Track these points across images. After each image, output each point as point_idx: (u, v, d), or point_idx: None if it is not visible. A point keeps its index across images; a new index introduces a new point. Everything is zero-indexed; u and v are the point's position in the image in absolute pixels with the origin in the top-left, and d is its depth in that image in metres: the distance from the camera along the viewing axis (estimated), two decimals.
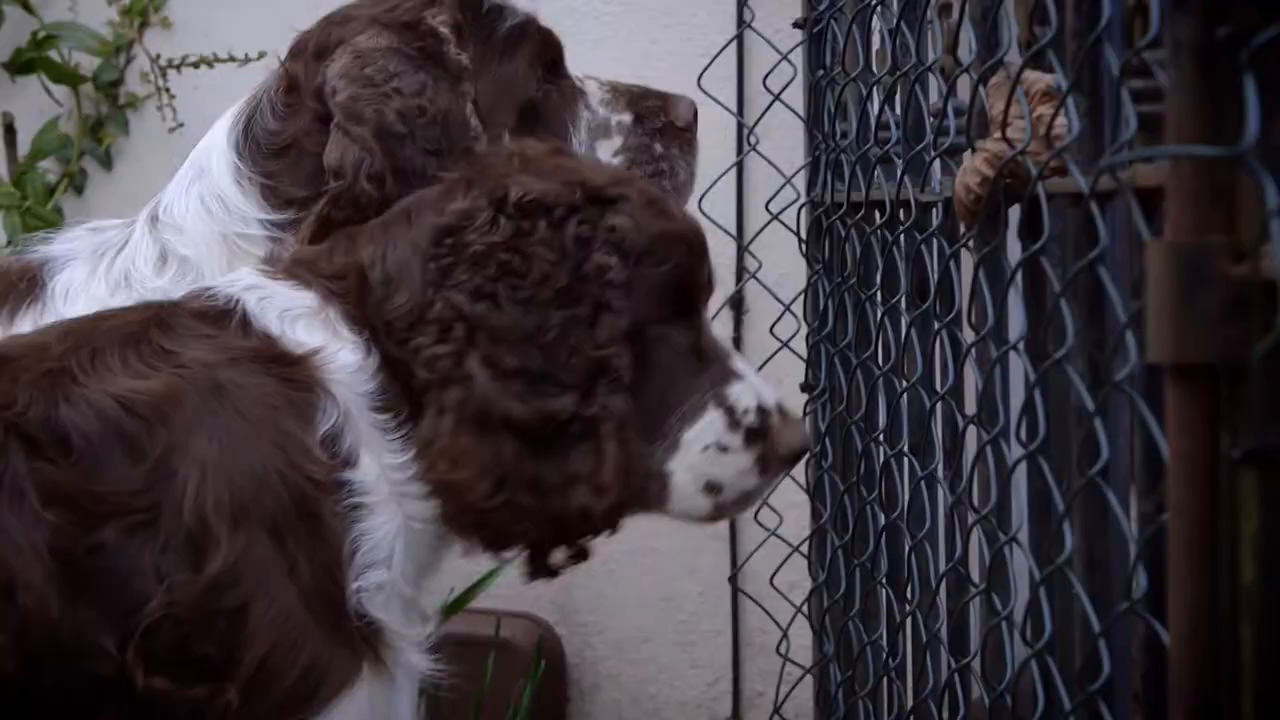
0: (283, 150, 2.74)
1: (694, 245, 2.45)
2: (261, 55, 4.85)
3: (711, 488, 2.44)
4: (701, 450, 2.42)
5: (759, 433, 2.43)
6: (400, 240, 2.38)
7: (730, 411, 2.42)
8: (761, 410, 2.44)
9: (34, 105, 5.16)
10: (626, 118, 2.94)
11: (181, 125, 4.95)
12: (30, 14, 5.03)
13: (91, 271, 2.79)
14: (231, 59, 4.90)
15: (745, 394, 2.45)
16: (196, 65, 4.94)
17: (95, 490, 2.21)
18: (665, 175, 2.93)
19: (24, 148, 5.12)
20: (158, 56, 4.99)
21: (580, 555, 2.48)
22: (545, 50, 2.88)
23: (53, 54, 5.05)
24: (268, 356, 2.32)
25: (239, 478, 2.25)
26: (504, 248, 2.31)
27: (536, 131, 2.80)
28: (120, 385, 2.27)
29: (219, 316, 2.36)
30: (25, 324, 2.75)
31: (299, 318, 2.36)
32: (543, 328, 2.30)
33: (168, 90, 4.97)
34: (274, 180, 2.74)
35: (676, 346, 2.44)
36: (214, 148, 2.79)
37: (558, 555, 2.44)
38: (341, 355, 2.33)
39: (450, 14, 2.77)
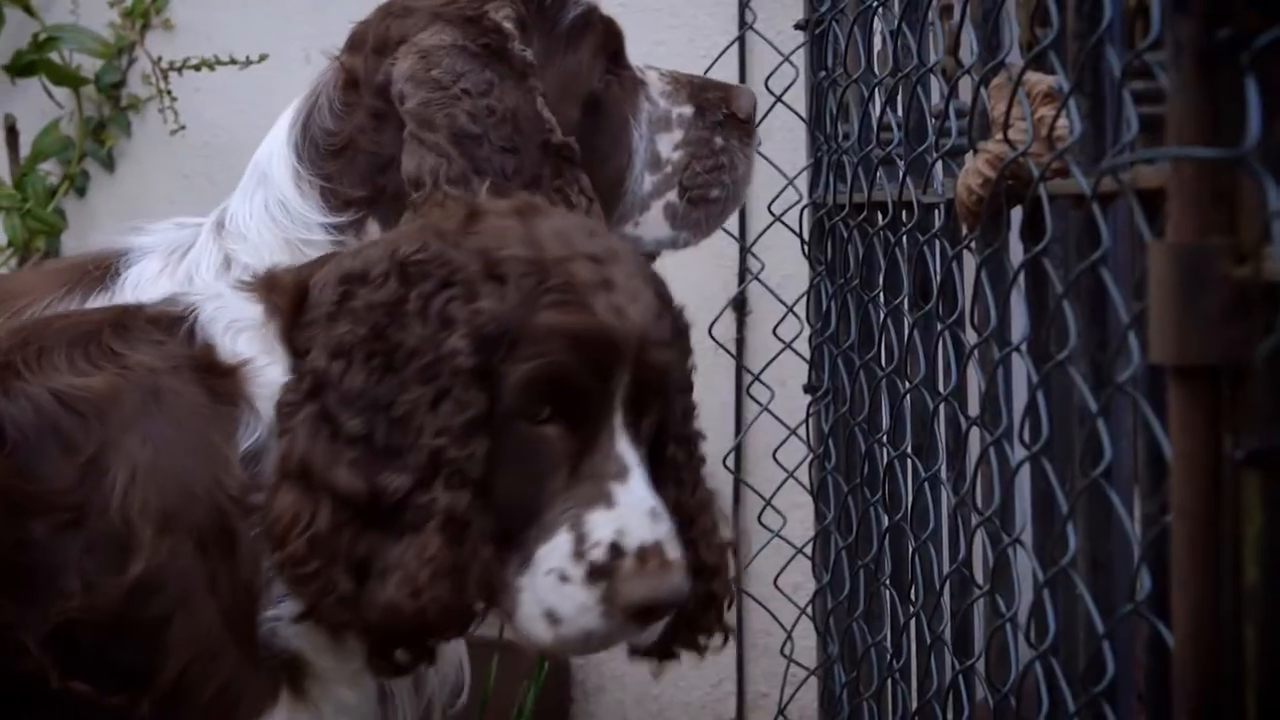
0: (340, 150, 2.72)
1: (591, 345, 2.16)
2: (263, 58, 4.87)
3: (551, 616, 2.18)
4: (545, 573, 2.17)
5: (603, 571, 2.14)
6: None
7: (580, 539, 2.16)
8: (615, 548, 2.14)
9: (36, 107, 5.16)
10: (688, 110, 2.92)
11: (183, 128, 4.96)
12: (31, 16, 5.03)
13: (162, 268, 2.78)
14: (233, 61, 4.91)
15: (605, 524, 2.16)
16: (198, 68, 4.94)
17: (26, 485, 2.18)
18: (725, 169, 2.92)
19: (26, 149, 5.13)
20: (159, 59, 4.99)
21: (423, 656, 2.27)
22: (608, 40, 2.87)
23: (54, 56, 5.05)
24: (204, 366, 2.27)
25: (168, 483, 2.20)
26: (383, 309, 2.18)
27: (599, 124, 2.81)
28: (61, 381, 2.23)
29: (172, 323, 2.31)
30: None
31: (242, 330, 2.29)
32: (395, 401, 2.15)
33: (169, 93, 4.97)
34: (333, 182, 2.72)
35: (549, 452, 2.19)
36: (275, 152, 2.78)
37: (399, 653, 2.23)
38: (270, 371, 2.25)
39: (513, 6, 2.75)
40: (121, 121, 5.15)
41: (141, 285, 2.76)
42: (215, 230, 2.77)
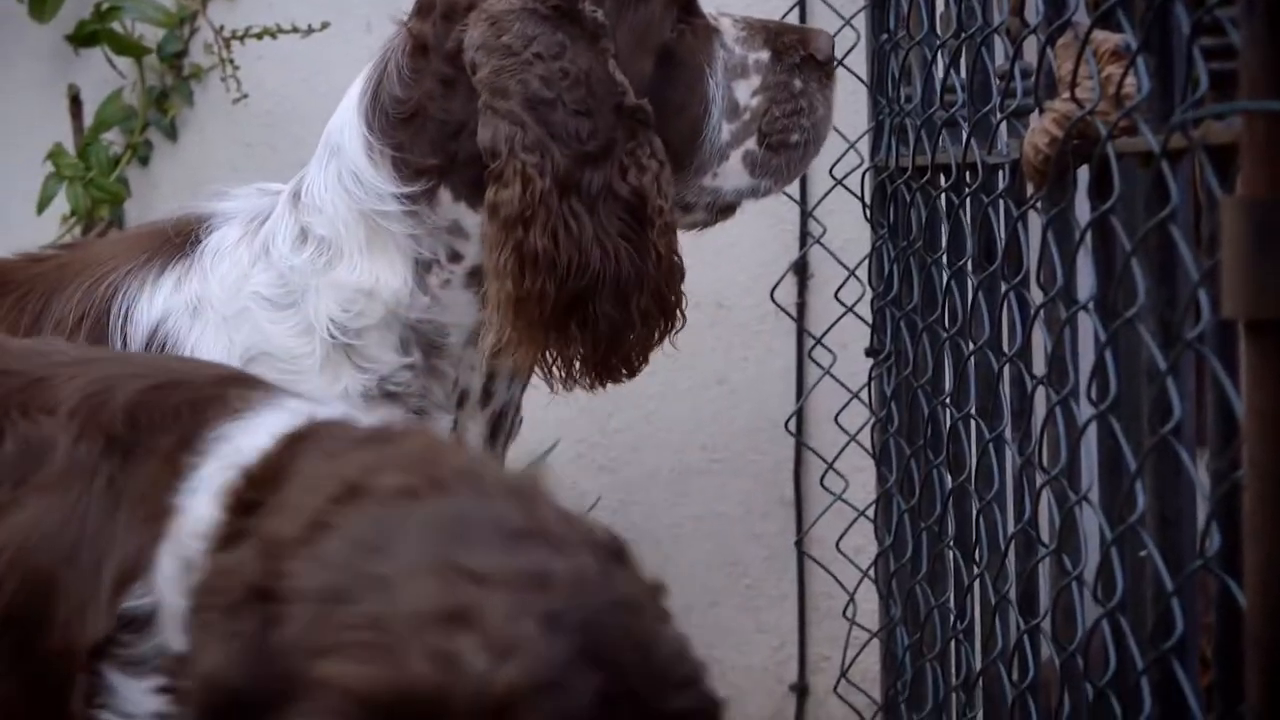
0: (410, 118, 2.70)
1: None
2: (325, 26, 4.88)
3: None
4: None
5: None
6: None
7: None
8: None
9: (98, 77, 5.19)
10: (764, 55, 2.89)
11: (245, 96, 4.97)
12: None
13: (241, 235, 2.79)
14: (295, 30, 4.92)
15: None
16: (259, 37, 4.95)
17: None
18: (804, 113, 2.89)
19: (89, 120, 5.15)
20: (221, 28, 5.01)
21: None
22: None
23: (116, 26, 5.07)
24: None
25: None
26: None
27: (674, 75, 2.78)
28: None
29: None
30: (170, 280, 2.76)
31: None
32: None
33: (231, 61, 4.99)
34: (403, 151, 2.71)
35: None
36: (346, 123, 2.77)
37: None
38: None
39: None
40: (184, 90, 5.17)
41: (221, 253, 2.78)
42: (292, 201, 2.78)
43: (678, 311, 2.74)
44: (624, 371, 2.73)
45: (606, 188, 2.62)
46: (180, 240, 2.81)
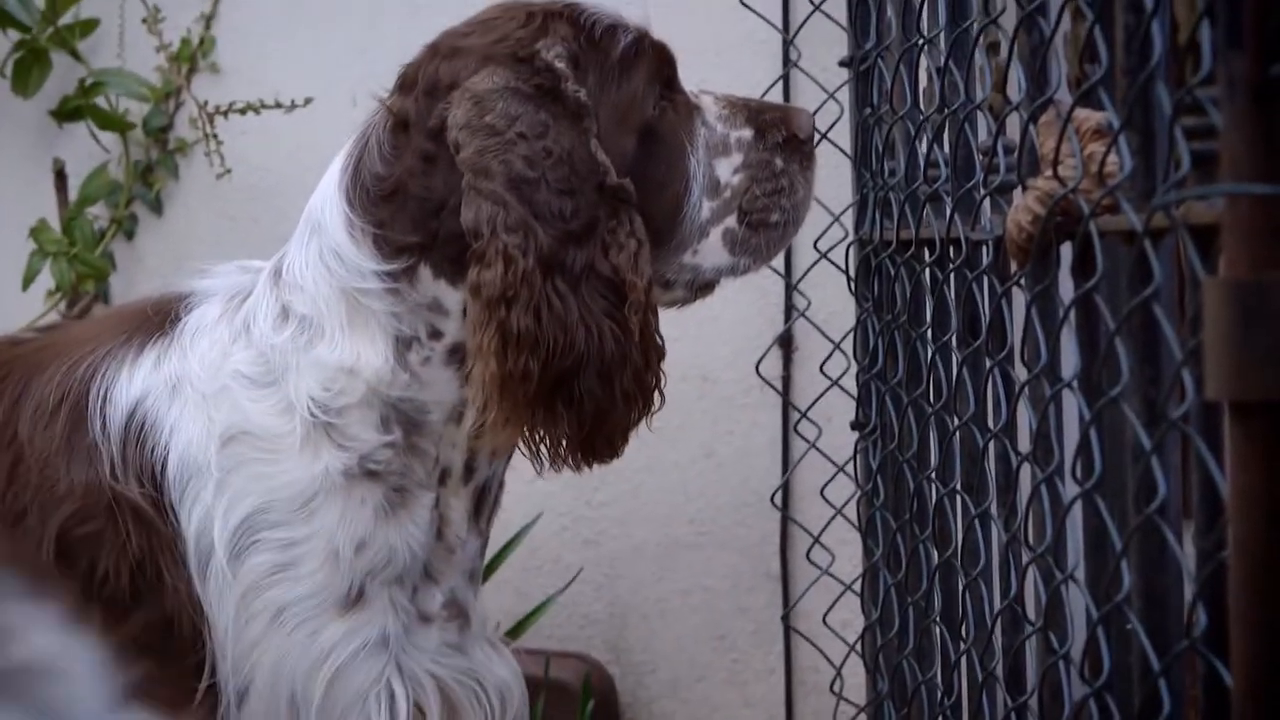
0: (390, 195, 2.69)
1: None
2: (308, 102, 4.90)
3: None
4: None
5: None
6: None
7: None
8: None
9: (84, 151, 5.20)
10: (746, 133, 2.88)
11: (229, 171, 4.99)
12: (78, 61, 5.07)
13: (222, 313, 2.79)
14: (278, 105, 4.93)
15: None
16: (243, 112, 4.97)
17: None
18: (785, 192, 2.87)
19: (74, 194, 5.16)
20: (205, 103, 5.02)
21: None
22: (661, 67, 2.83)
23: (101, 101, 5.08)
24: None
25: None
26: None
27: (655, 152, 2.77)
28: None
29: None
30: (149, 359, 2.76)
31: None
32: None
33: (215, 137, 5.01)
34: (384, 229, 2.69)
35: None
36: (327, 200, 2.76)
37: None
38: None
39: (564, 44, 2.72)
40: (169, 165, 5.18)
41: (201, 330, 2.77)
42: (273, 279, 2.77)
43: (657, 392, 2.73)
44: (608, 452, 2.72)
45: (589, 267, 2.61)
46: (160, 319, 2.81)
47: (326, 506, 2.67)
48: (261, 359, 2.72)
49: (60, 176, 5.18)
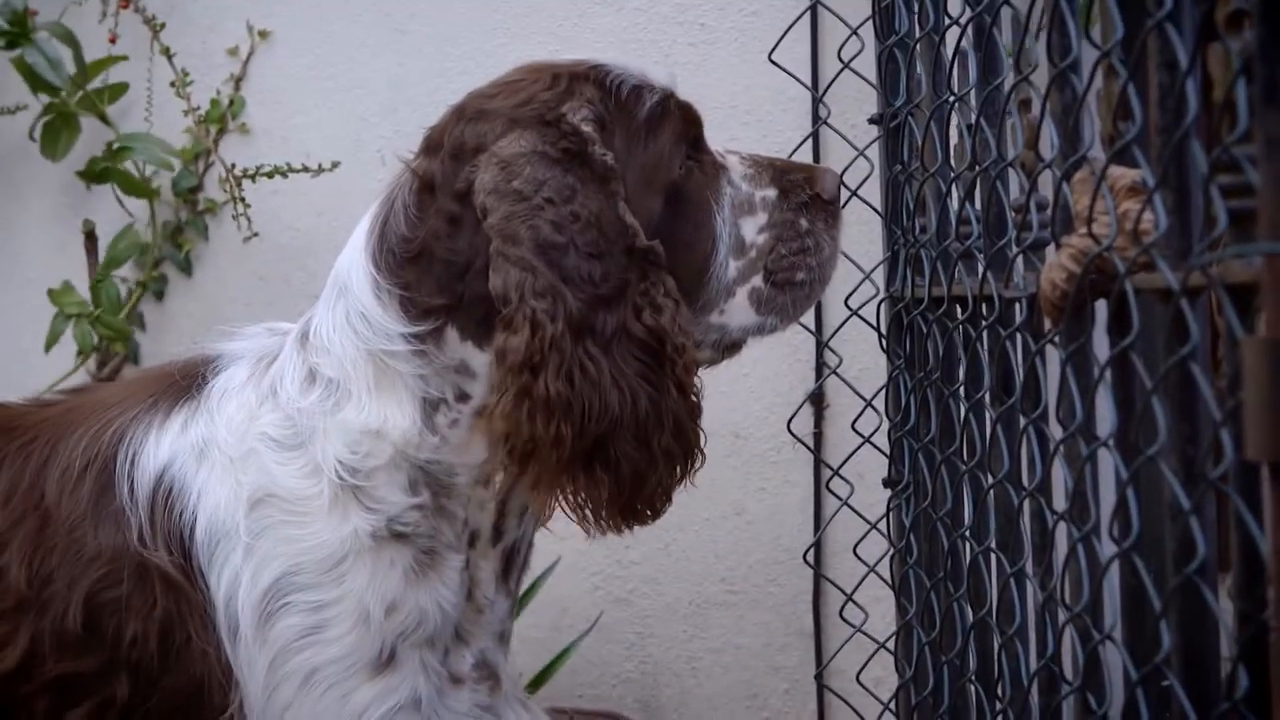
0: (416, 257, 2.69)
1: None
2: (335, 165, 4.91)
3: None
4: None
5: None
6: None
7: None
8: None
9: (115, 212, 5.22)
10: (771, 193, 2.88)
11: (256, 234, 5.00)
12: (106, 124, 5.09)
13: (249, 376, 2.79)
14: (305, 169, 4.95)
15: None
16: (270, 175, 4.98)
17: None
18: (810, 251, 2.87)
19: (104, 254, 5.17)
20: (233, 166, 5.04)
21: None
22: (687, 127, 2.82)
23: (128, 165, 5.10)
24: None
25: None
26: None
27: (682, 212, 2.76)
28: None
29: None
30: (176, 423, 2.76)
31: None
32: None
33: (243, 199, 5.02)
34: (410, 291, 2.69)
35: None
36: (353, 262, 2.76)
37: None
38: None
39: (590, 106, 2.72)
40: (198, 226, 5.20)
41: (228, 394, 2.77)
42: (300, 341, 2.77)
43: (698, 450, 2.72)
44: (648, 513, 2.71)
45: (621, 329, 2.60)
46: (187, 382, 2.81)
47: (356, 569, 2.66)
48: (289, 422, 2.72)
49: (90, 238, 5.19)
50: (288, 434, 2.72)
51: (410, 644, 2.70)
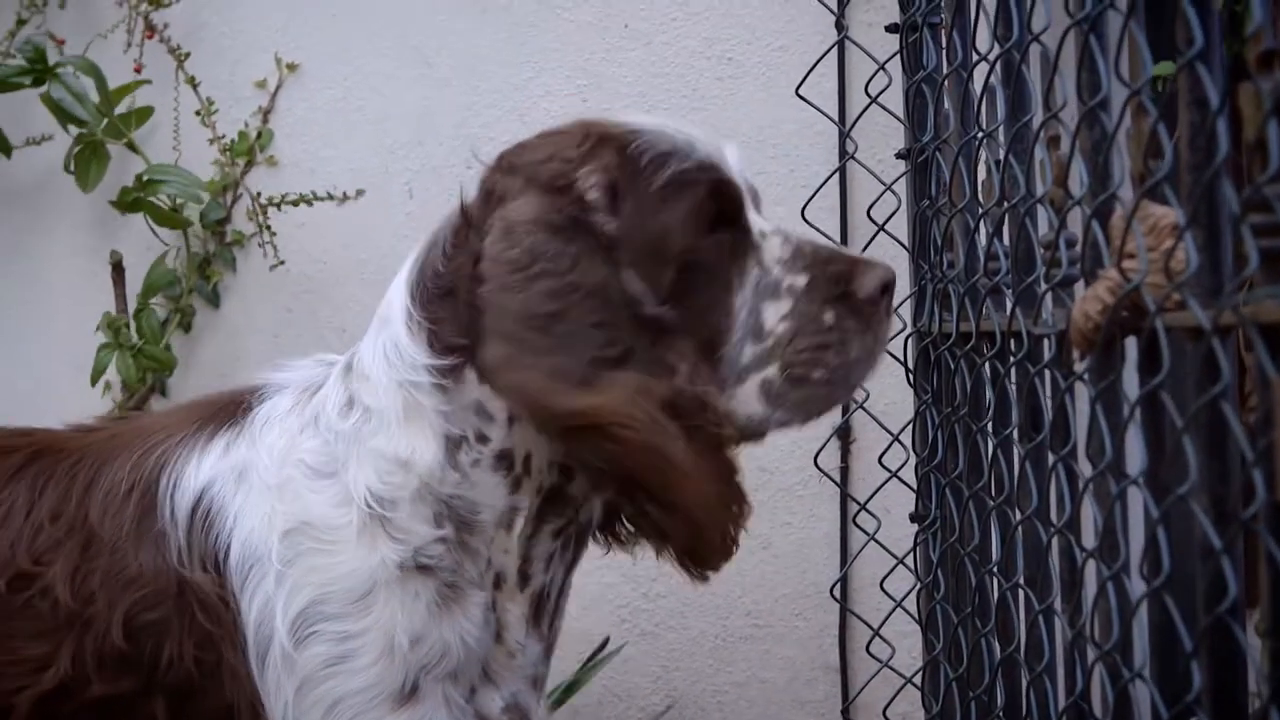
0: (445, 294, 2.69)
1: None
2: (360, 194, 4.92)
3: None
4: None
5: None
6: None
7: None
8: None
9: (141, 242, 5.23)
10: (800, 280, 2.71)
11: (282, 263, 5.01)
12: (136, 153, 5.11)
13: (293, 405, 2.80)
14: (330, 198, 4.96)
15: None
16: (296, 204, 5.00)
17: None
18: (831, 348, 2.68)
19: (131, 284, 5.18)
20: (259, 195, 5.05)
21: None
22: (715, 201, 2.69)
23: (160, 198, 5.11)
24: None
25: None
26: None
27: (699, 285, 2.67)
28: None
29: None
30: (218, 447, 2.78)
31: None
32: None
33: (269, 228, 5.03)
34: (438, 325, 2.68)
35: None
36: (395, 294, 2.76)
37: None
38: None
39: (606, 172, 2.65)
40: (227, 256, 5.20)
41: (271, 421, 2.78)
42: (344, 371, 2.78)
43: (743, 504, 2.70)
44: (715, 558, 2.69)
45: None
46: (232, 409, 2.83)
47: (383, 600, 2.67)
48: (325, 448, 2.73)
49: (118, 269, 5.20)
50: (323, 461, 2.73)
51: (433, 677, 2.70)
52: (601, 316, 2.56)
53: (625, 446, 2.51)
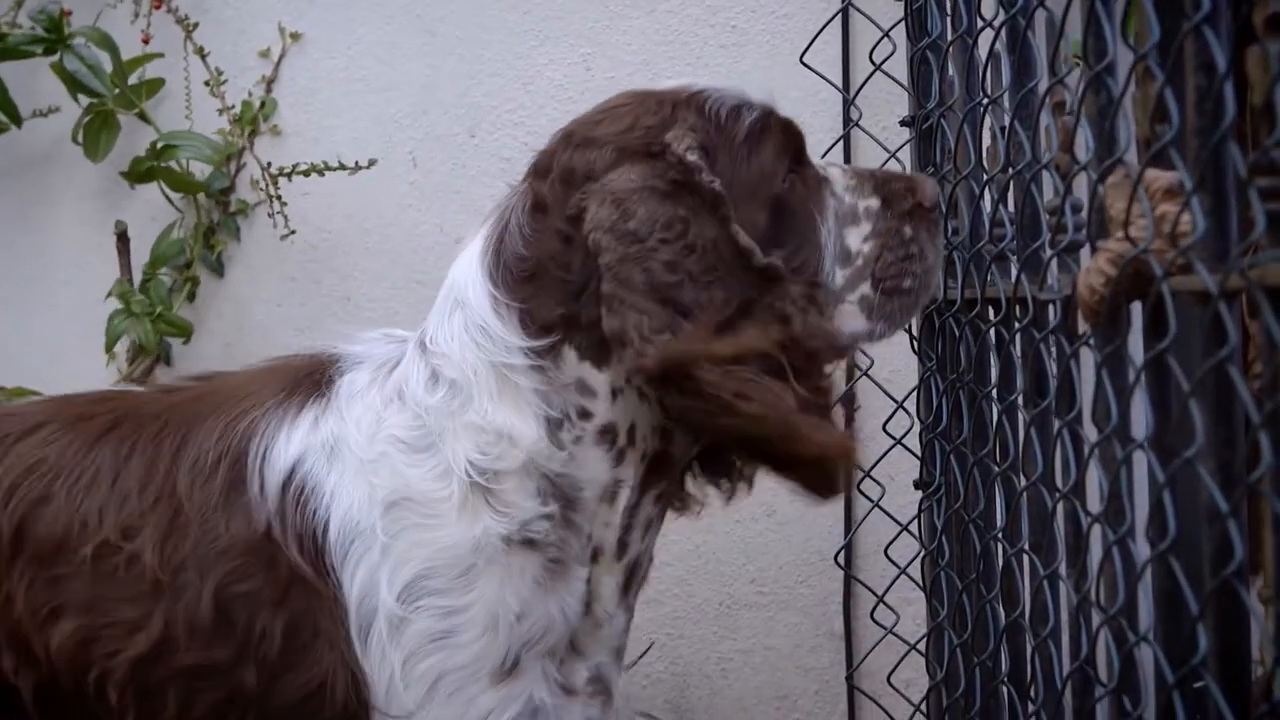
0: (532, 276, 2.72)
1: None
2: (372, 163, 4.91)
3: None
4: None
5: None
6: None
7: None
8: None
9: (145, 212, 5.22)
10: (874, 203, 2.90)
11: (293, 233, 5.00)
12: (146, 123, 5.10)
13: (371, 380, 2.82)
14: (342, 167, 4.95)
15: None
16: (306, 174, 4.99)
17: None
18: (915, 258, 2.89)
19: (136, 256, 5.18)
20: (268, 165, 5.05)
21: None
22: (788, 141, 2.83)
23: (172, 162, 5.10)
24: None
25: None
26: None
27: (787, 225, 2.78)
28: None
29: None
30: (307, 420, 2.79)
31: None
32: None
33: (278, 198, 5.03)
34: (529, 305, 2.72)
35: None
36: (470, 279, 2.77)
37: None
38: None
39: (693, 134, 2.73)
40: (231, 227, 5.20)
41: (354, 396, 2.80)
42: (419, 348, 2.79)
43: (850, 442, 2.72)
44: (830, 486, 2.73)
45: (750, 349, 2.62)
46: (315, 379, 2.85)
47: (487, 574, 2.68)
48: (417, 422, 2.74)
49: (123, 239, 5.20)
50: (417, 435, 2.75)
51: (534, 653, 2.72)
52: (719, 273, 2.60)
53: (757, 397, 2.57)
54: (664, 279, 2.60)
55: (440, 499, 2.70)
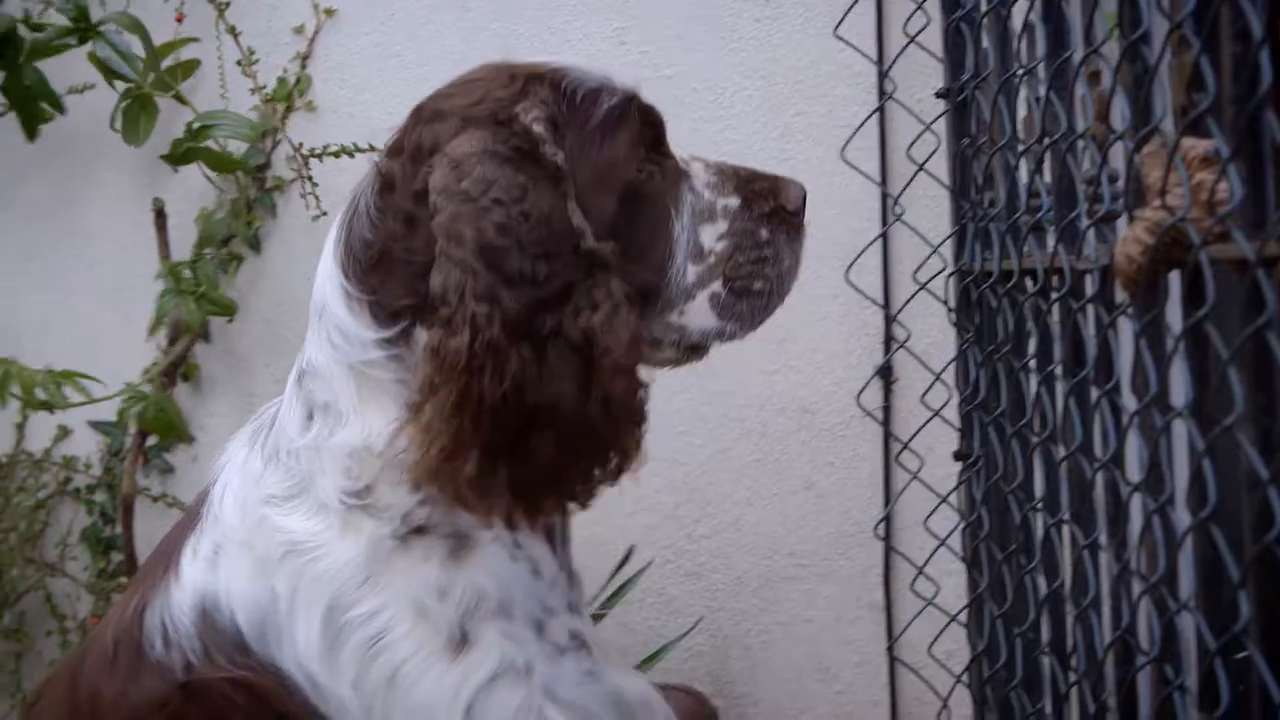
0: (379, 260, 2.66)
1: None
2: None
3: None
4: None
5: None
6: None
7: None
8: None
9: (181, 188, 5.25)
10: (733, 201, 2.86)
11: (325, 214, 5.02)
12: (184, 104, 5.12)
13: (250, 446, 2.79)
14: (372, 148, 4.96)
15: None
16: (337, 155, 5.00)
17: None
18: (769, 261, 2.84)
19: (174, 233, 5.20)
20: (300, 145, 5.06)
21: None
22: (645, 130, 2.78)
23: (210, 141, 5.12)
24: None
25: None
26: None
27: (639, 214, 2.73)
28: None
29: None
30: (187, 555, 2.79)
31: None
32: None
33: (310, 178, 5.04)
34: (378, 295, 2.66)
35: None
36: (326, 275, 2.72)
37: None
38: None
39: (543, 107, 2.67)
40: (267, 203, 5.22)
41: (229, 483, 2.80)
42: (297, 380, 2.77)
43: (623, 450, 2.68)
44: (559, 504, 2.69)
45: (556, 331, 2.58)
46: (196, 512, 2.84)
47: (390, 572, 2.66)
48: (288, 474, 2.72)
49: (160, 215, 5.22)
50: (289, 487, 2.71)
51: (479, 619, 2.70)
52: (547, 248, 2.56)
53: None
54: (494, 240, 2.53)
55: (320, 531, 2.67)
